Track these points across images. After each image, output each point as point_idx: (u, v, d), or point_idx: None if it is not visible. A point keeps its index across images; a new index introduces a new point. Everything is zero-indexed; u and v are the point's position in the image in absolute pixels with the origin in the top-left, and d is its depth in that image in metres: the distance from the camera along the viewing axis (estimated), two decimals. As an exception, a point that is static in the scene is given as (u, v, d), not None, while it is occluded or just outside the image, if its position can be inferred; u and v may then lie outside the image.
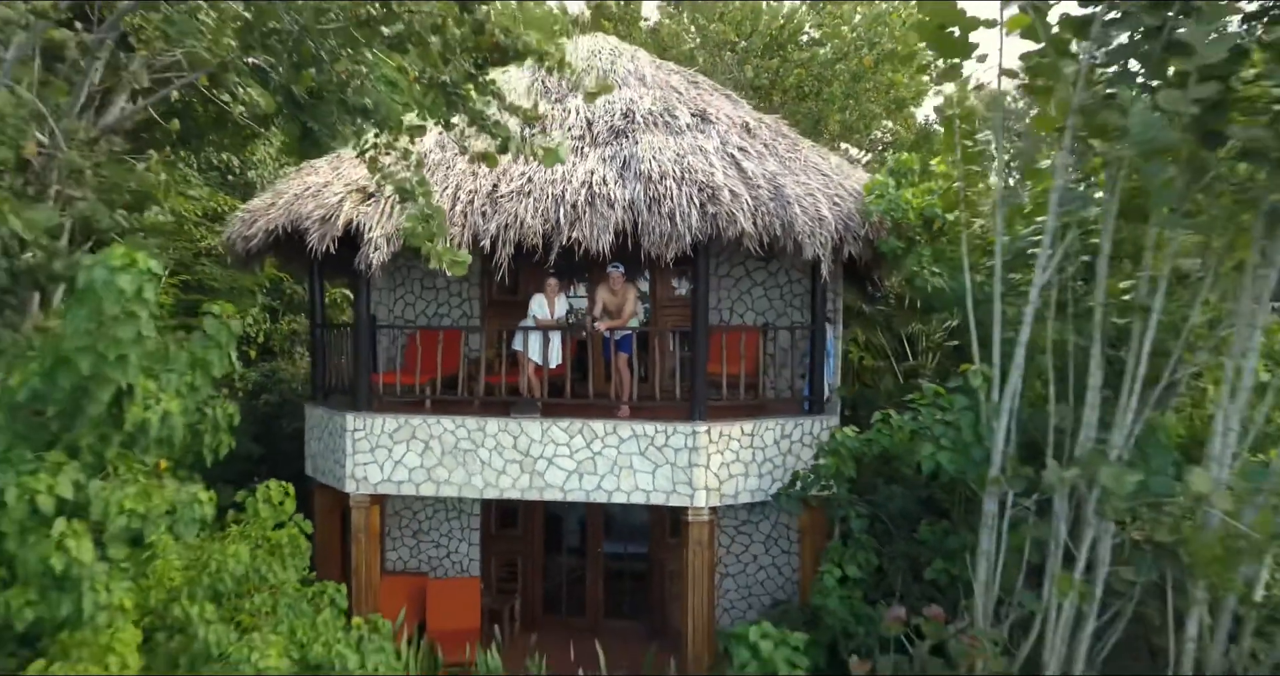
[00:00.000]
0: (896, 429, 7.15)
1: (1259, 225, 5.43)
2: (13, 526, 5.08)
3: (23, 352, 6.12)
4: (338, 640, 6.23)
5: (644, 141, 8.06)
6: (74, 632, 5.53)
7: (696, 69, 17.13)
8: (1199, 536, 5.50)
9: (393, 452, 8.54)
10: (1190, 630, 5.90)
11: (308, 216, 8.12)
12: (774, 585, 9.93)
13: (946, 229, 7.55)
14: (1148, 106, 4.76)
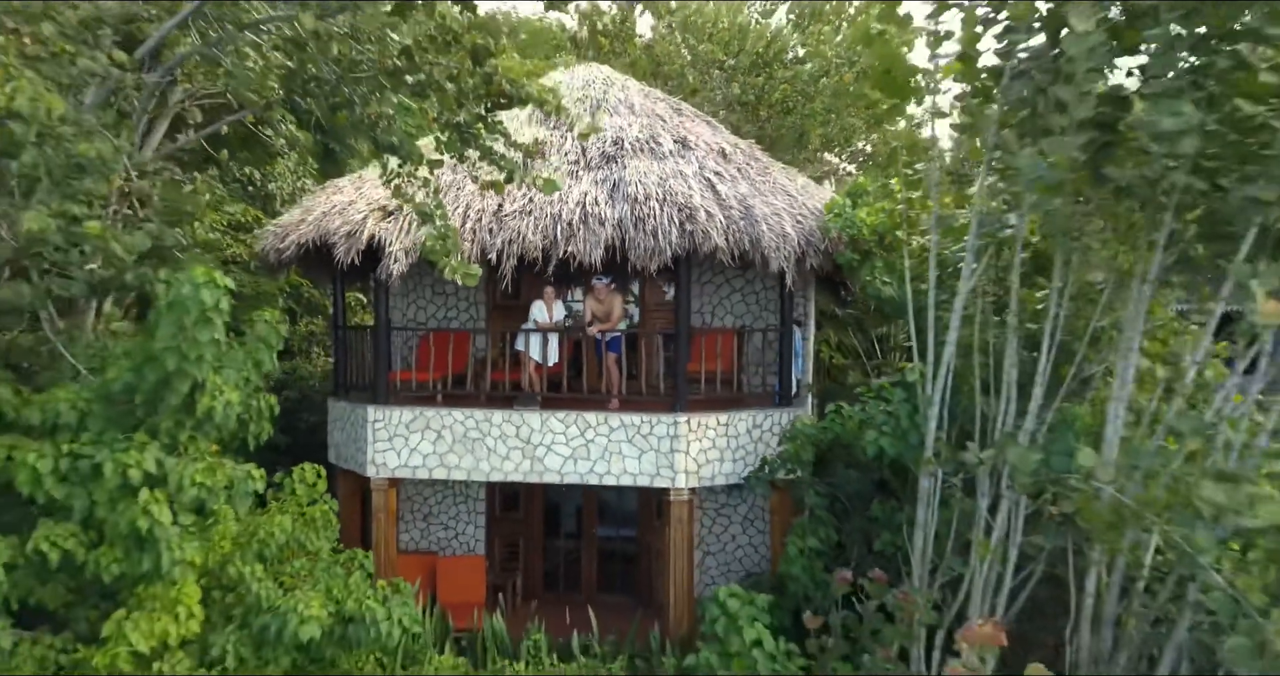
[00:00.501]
0: (847, 418, 8.23)
1: (1142, 248, 6.48)
2: (104, 495, 6.13)
3: (99, 352, 7.20)
4: (367, 596, 7.28)
5: (631, 166, 9.13)
6: (148, 586, 6.60)
7: (688, 87, 18.25)
8: (1091, 507, 6.55)
9: (409, 441, 9.59)
10: (1089, 587, 6.95)
11: (335, 232, 9.18)
12: (750, 561, 10.99)
13: (895, 244, 8.60)
14: (1035, 151, 5.81)
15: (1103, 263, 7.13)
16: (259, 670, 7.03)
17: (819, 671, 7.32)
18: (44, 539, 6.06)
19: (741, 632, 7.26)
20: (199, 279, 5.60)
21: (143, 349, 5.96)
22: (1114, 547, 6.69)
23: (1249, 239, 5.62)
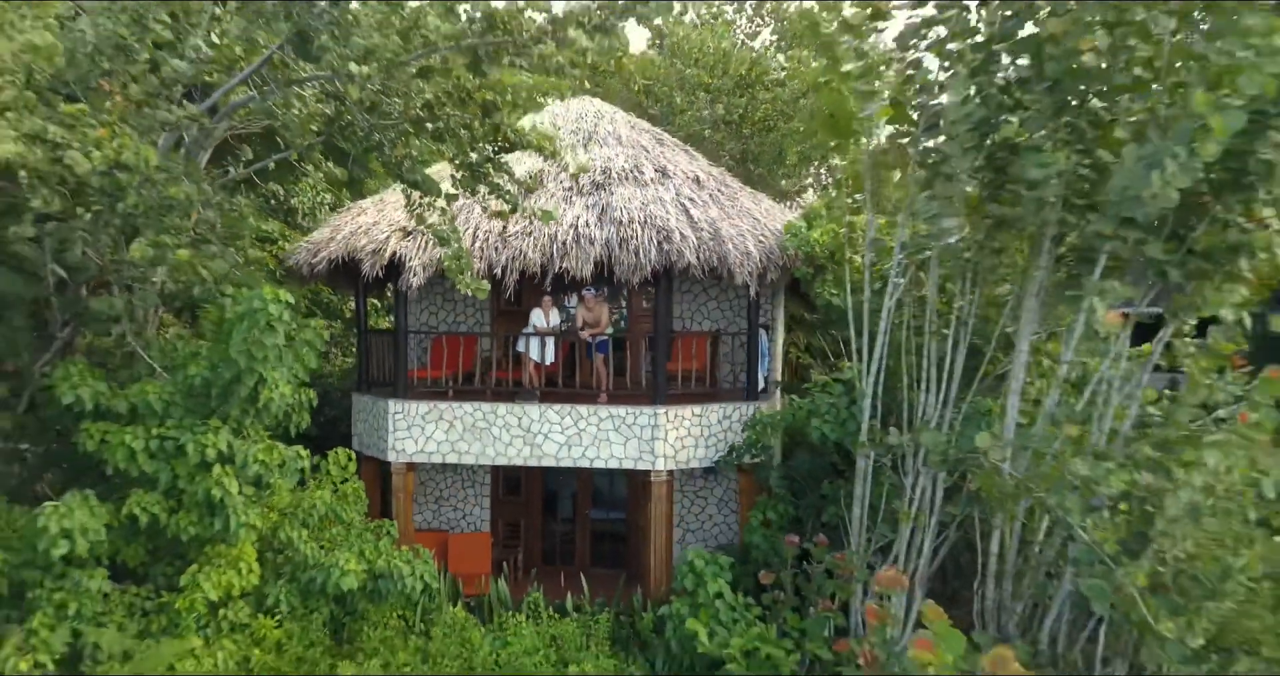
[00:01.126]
0: (798, 409, 9.62)
1: (1029, 270, 7.88)
2: (185, 469, 7.51)
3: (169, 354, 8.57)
4: (394, 557, 8.66)
5: (617, 193, 10.52)
6: (216, 546, 7.98)
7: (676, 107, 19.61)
8: (991, 481, 7.95)
9: (424, 430, 10.97)
10: (993, 548, 8.33)
11: (361, 249, 10.55)
12: (724, 537, 12.37)
13: (840, 261, 9.98)
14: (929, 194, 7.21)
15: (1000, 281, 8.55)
16: (305, 617, 8.42)
17: (772, 620, 8.71)
18: (136, 504, 7.43)
19: (707, 586, 8.64)
20: (267, 295, 6.98)
21: (217, 351, 7.34)
22: (1011, 514, 8.10)
23: (1100, 264, 7.01)
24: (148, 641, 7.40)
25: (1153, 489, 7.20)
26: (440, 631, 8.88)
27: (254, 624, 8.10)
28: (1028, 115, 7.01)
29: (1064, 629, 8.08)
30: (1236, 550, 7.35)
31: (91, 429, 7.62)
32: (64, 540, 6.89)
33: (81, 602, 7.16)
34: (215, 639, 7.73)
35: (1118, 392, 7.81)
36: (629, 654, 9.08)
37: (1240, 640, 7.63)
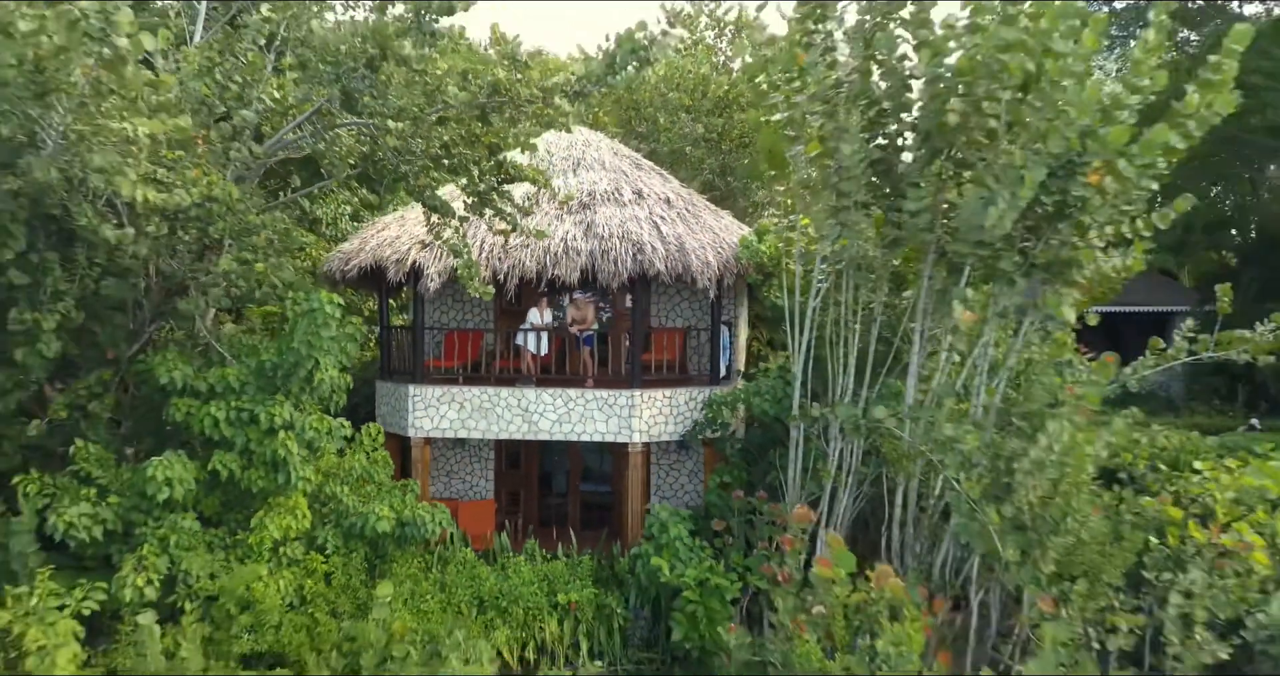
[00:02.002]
0: (745, 390, 11.61)
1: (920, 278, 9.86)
2: (257, 435, 9.47)
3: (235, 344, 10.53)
4: (417, 508, 10.64)
5: (600, 212, 12.50)
6: (276, 497, 9.95)
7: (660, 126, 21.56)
8: (891, 445, 9.95)
9: (439, 410, 12.94)
10: (897, 499, 10.32)
11: (386, 258, 12.53)
12: (693, 501, 14.33)
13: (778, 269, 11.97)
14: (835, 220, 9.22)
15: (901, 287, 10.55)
16: (346, 555, 10.41)
17: (722, 559, 10.70)
18: (219, 461, 9.40)
19: (669, 531, 10.63)
20: (323, 298, 8.98)
21: (283, 341, 9.34)
22: (909, 472, 10.11)
23: (965, 274, 9.00)
24: (227, 568, 9.39)
25: (1011, 449, 9.22)
26: (454, 568, 10.87)
27: (306, 559, 10.09)
28: (910, 164, 9.00)
29: (950, 561, 10.09)
30: (1076, 497, 9.35)
31: (180, 404, 9.58)
32: (165, 487, 8.87)
33: (178, 537, 9.14)
34: (277, 570, 9.71)
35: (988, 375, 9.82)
36: (607, 588, 11.06)
37: (1084, 568, 9.62)
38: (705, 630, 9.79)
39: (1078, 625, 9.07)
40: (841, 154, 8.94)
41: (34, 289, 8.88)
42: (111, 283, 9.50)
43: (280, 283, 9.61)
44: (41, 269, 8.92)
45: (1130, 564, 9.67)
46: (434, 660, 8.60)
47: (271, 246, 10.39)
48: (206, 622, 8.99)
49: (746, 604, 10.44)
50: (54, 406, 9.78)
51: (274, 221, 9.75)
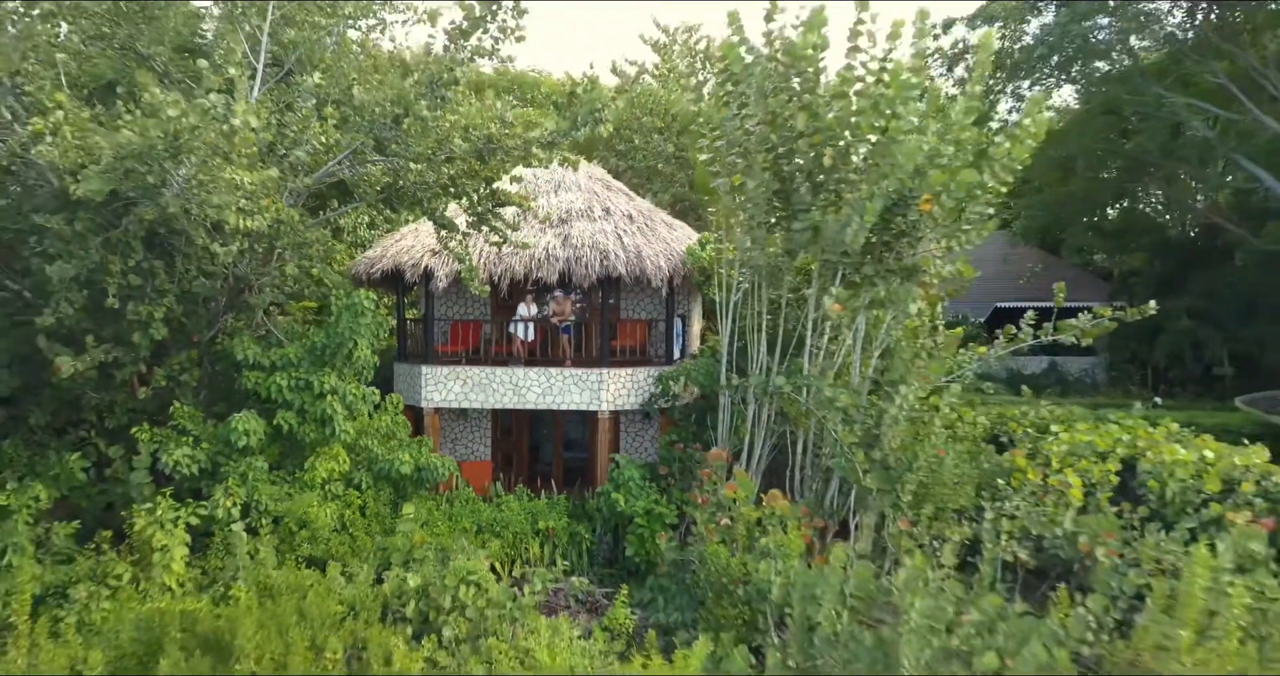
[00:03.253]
0: (686, 367, 14.53)
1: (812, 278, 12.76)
2: (310, 398, 12.38)
3: (289, 332, 13.44)
4: (431, 457, 13.54)
5: (575, 226, 15.41)
6: (323, 447, 12.86)
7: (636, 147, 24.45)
8: (792, 407, 12.88)
9: (446, 385, 15.85)
10: (798, 449, 13.25)
11: (404, 263, 15.43)
12: (652, 458, 17.19)
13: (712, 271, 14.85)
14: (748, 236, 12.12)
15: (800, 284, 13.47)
16: (376, 492, 13.32)
17: (665, 494, 13.60)
18: (282, 418, 12.30)
19: (624, 473, 13.56)
20: (361, 295, 11.90)
21: (329, 328, 12.26)
22: (805, 427, 13.05)
23: (838, 276, 11.91)
24: (289, 497, 12.30)
25: (878, 408, 12.15)
26: (459, 503, 13.80)
27: (346, 494, 13.01)
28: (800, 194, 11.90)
29: (836, 495, 13.03)
30: (926, 444, 12.28)
31: (250, 375, 12.49)
32: (244, 436, 11.79)
33: (252, 473, 12.05)
34: (324, 501, 12.62)
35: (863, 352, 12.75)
36: (578, 520, 13.97)
37: (937, 498, 12.54)
38: (650, 547, 12.71)
39: (925, 539, 11.99)
40: (749, 187, 11.86)
41: (144, 288, 11.79)
42: (202, 283, 12.42)
43: (329, 283, 12.52)
44: (150, 273, 11.84)
45: (973, 497, 12.60)
46: (444, 561, 11.48)
47: (320, 255, 13.31)
48: (275, 535, 11.89)
49: (683, 529, 13.37)
50: (156, 377, 12.72)
51: (323, 237, 12.67)
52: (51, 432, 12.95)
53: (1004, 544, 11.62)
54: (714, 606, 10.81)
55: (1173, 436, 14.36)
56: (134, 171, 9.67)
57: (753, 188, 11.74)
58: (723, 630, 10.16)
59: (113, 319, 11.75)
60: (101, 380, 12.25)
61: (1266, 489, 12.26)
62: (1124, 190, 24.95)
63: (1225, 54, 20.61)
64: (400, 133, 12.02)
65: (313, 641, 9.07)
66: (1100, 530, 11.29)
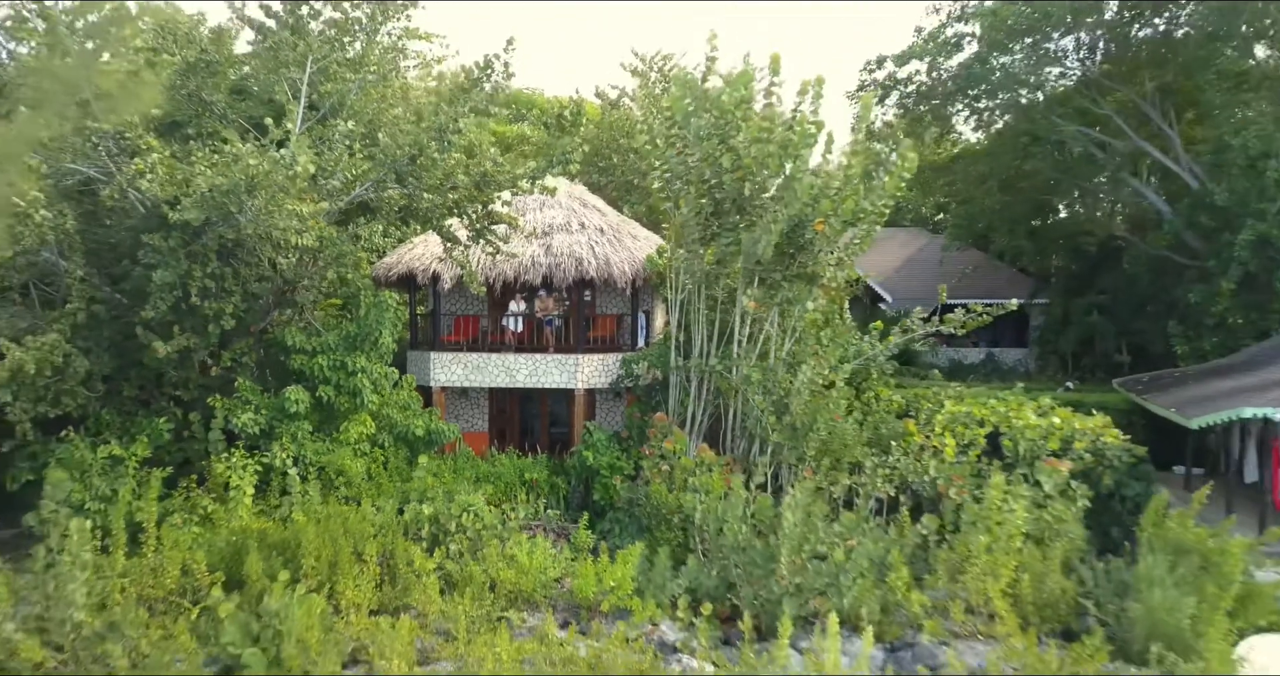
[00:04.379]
0: (644, 353, 17.71)
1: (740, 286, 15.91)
2: (344, 375, 15.53)
3: (327, 324, 16.61)
4: (439, 423, 16.69)
5: (556, 238, 18.57)
6: (353, 414, 16.02)
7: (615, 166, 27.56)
8: (723, 382, 16.06)
9: (451, 368, 19.01)
10: (730, 417, 16.44)
11: (416, 268, 18.57)
12: (620, 429, 20.36)
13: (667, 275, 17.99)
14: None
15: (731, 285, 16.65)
16: (395, 450, 16.49)
17: (625, 452, 16.77)
18: (323, 392, 15.45)
19: (594, 436, 16.74)
20: (385, 295, 15.07)
21: (360, 320, 15.43)
22: (733, 398, 16.25)
23: (755, 281, 15.07)
24: (329, 452, 15.44)
25: (787, 382, 15.33)
26: (461, 460, 16.98)
27: (372, 451, 16.17)
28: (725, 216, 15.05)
29: (756, 451, 16.22)
30: (824, 411, 15.46)
31: (296, 358, 15.63)
32: (295, 404, 14.94)
33: (300, 434, 15.19)
34: (355, 456, 15.78)
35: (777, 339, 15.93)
36: (557, 474, 17.15)
37: (834, 453, 15.73)
38: (611, 493, 15.87)
39: (822, 483, 15.18)
40: (687, 211, 15.04)
41: (216, 290, 14.91)
42: (259, 285, 15.57)
43: (358, 286, 15.70)
44: (220, 278, 14.97)
45: (866, 453, 15.75)
46: (450, 498, 14.62)
47: (351, 263, 16.48)
48: (319, 481, 15.03)
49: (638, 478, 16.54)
50: (222, 359, 15.87)
51: (354, 249, 15.84)
52: (139, 403, 16.08)
53: (880, 486, 14.84)
54: (656, 530, 14.04)
55: (1040, 409, 17.60)
56: (220, 203, 12.83)
57: (690, 211, 14.92)
58: (660, 546, 13.35)
59: (190, 313, 14.89)
60: (180, 361, 15.41)
61: (1095, 445, 15.51)
62: (1039, 202, 28.06)
63: (1111, 90, 23.75)
64: (415, 168, 15.17)
65: (355, 548, 12.25)
66: (953, 475, 14.52)
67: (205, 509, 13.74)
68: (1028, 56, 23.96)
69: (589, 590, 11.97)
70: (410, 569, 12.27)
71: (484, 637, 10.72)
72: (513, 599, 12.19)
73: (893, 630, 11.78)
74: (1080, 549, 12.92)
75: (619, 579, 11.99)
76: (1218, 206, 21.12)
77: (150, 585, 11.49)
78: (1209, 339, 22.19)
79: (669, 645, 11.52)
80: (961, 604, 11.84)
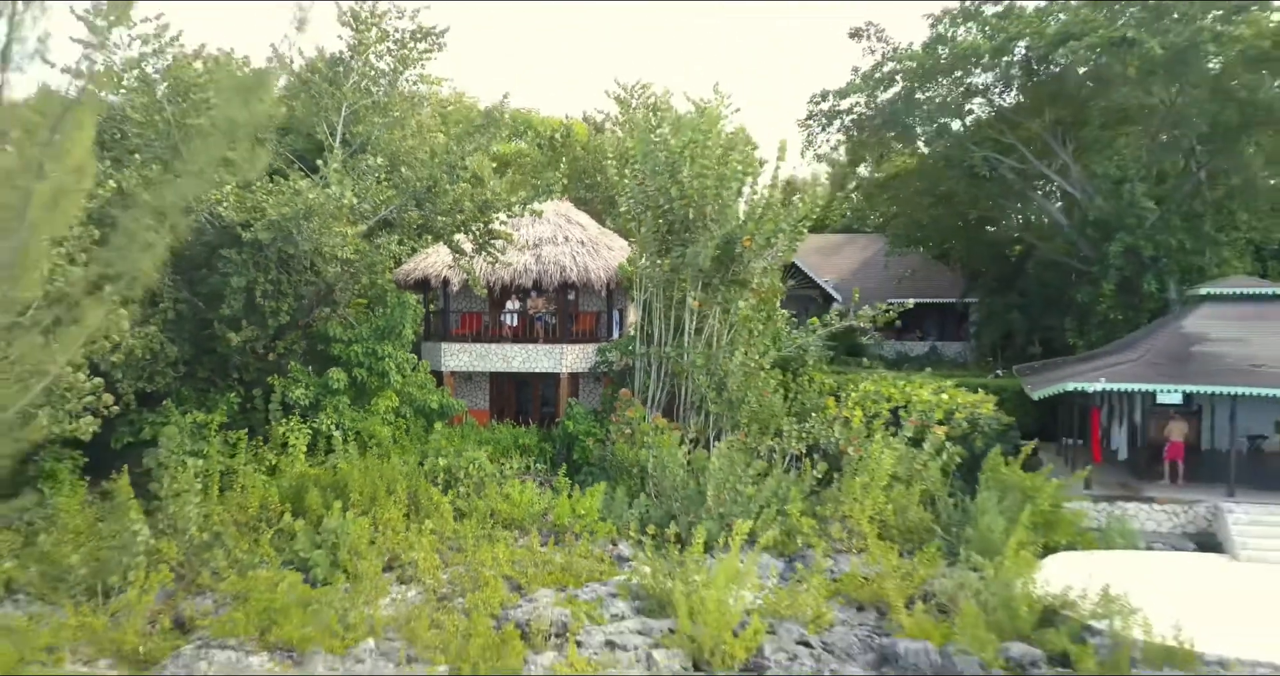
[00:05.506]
0: (615, 343, 21.37)
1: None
2: (375, 359, 19.19)
3: (360, 319, 20.29)
4: (450, 399, 20.33)
5: (545, 249, 22.22)
6: (381, 391, 19.71)
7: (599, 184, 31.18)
8: (676, 363, 19.74)
9: (458, 356, 22.66)
10: (681, 393, 20.10)
11: (430, 273, 22.22)
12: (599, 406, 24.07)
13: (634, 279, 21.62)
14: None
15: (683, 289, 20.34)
16: (415, 421, 20.16)
17: (600, 423, 20.43)
18: (358, 372, 19.10)
19: (575, 410, 20.40)
20: (408, 296, 18.72)
21: (387, 315, 19.08)
22: (684, 378, 19.96)
23: (699, 285, 18.72)
24: (362, 421, 19.08)
25: (725, 364, 19.03)
26: (467, 428, 20.66)
27: (395, 421, 19.82)
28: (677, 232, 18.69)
29: (702, 420, 19.89)
30: (754, 387, 19.14)
31: (335, 346, 19.28)
32: (336, 382, 18.60)
33: (340, 405, 18.83)
34: (383, 424, 19.43)
35: (720, 331, 19.61)
36: (545, 440, 20.83)
37: (762, 421, 19.39)
38: (587, 452, 19.52)
39: (751, 443, 18.83)
40: (645, 231, 18.70)
41: (274, 292, 18.53)
42: (307, 288, 19.23)
43: (385, 288, 19.38)
44: (278, 282, 18.60)
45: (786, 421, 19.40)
46: (459, 454, 18.25)
47: (380, 271, 20.15)
48: (355, 443, 18.66)
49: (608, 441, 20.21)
50: (277, 347, 19.52)
51: (383, 259, 19.52)
52: (210, 382, 19.72)
53: (795, 445, 18.52)
54: (618, 478, 17.72)
55: (939, 389, 21.29)
56: (284, 226, 16.48)
57: (649, 230, 18.59)
58: (619, 487, 17.03)
59: (254, 311, 18.52)
60: (244, 349, 19.05)
61: (972, 415, 19.21)
62: (963, 214, 31.71)
63: (1018, 123, 27.42)
64: (430, 196, 18.82)
65: (388, 487, 15.92)
66: (851, 436, 18.19)
67: (271, 461, 17.40)
68: (950, 91, 27.60)
69: (565, 517, 15.65)
70: (430, 502, 15.94)
71: (485, 548, 14.40)
72: (507, 524, 15.87)
73: (791, 546, 15.48)
74: (939, 490, 16.61)
75: (588, 509, 15.68)
76: (1099, 220, 24.79)
77: (238, 512, 15.15)
78: (1095, 332, 25.88)
79: (624, 558, 15.20)
80: (841, 527, 15.53)
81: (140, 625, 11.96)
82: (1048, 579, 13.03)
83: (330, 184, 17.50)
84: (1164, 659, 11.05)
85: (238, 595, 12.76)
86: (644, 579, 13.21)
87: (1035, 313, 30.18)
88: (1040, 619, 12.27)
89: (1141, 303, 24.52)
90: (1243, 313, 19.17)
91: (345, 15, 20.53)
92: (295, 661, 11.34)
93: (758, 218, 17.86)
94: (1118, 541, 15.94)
